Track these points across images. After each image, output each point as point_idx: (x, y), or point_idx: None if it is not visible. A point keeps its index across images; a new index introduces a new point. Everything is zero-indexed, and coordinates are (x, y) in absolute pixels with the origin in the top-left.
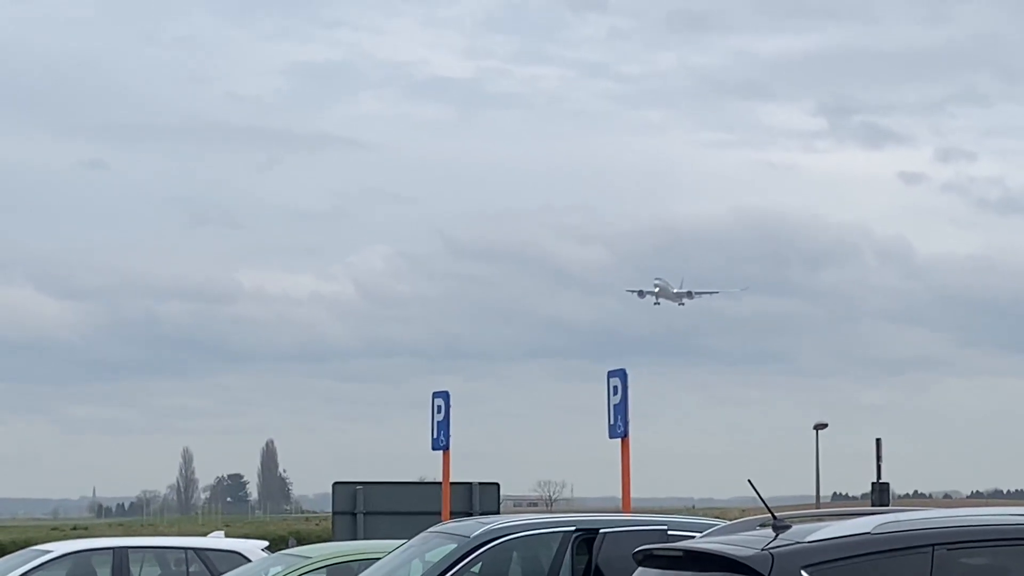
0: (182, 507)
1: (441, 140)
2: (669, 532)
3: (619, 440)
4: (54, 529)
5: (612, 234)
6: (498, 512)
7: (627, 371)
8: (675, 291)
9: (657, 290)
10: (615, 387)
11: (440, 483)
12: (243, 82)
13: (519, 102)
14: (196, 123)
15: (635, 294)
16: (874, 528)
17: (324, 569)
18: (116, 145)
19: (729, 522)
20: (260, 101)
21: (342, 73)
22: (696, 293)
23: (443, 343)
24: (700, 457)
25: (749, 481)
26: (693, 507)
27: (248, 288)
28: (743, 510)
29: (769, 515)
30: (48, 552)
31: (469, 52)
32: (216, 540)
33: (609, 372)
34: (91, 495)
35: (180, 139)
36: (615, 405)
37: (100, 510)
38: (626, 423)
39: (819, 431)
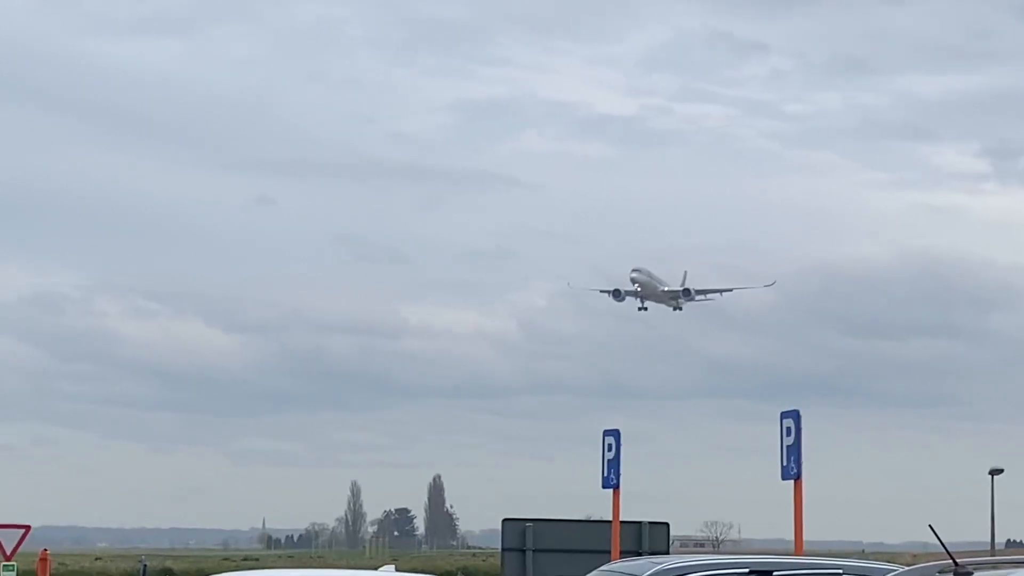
0: (350, 540)
1: (603, 178)
2: None
3: (792, 481)
4: (225, 560)
5: (774, 275)
6: (667, 552)
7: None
8: (664, 289)
9: (638, 288)
10: (788, 428)
11: (609, 521)
12: (407, 120)
13: (681, 140)
14: (361, 161)
15: (609, 295)
16: None
17: None
18: (284, 182)
19: (907, 567)
20: (424, 139)
21: (505, 111)
22: (699, 292)
23: (606, 381)
24: (869, 500)
25: (930, 527)
26: (863, 551)
27: (413, 323)
28: (915, 555)
29: (950, 561)
30: None
31: (631, 90)
32: (387, 574)
33: (782, 413)
34: (261, 527)
35: (346, 176)
36: (788, 446)
37: (270, 542)
38: (799, 464)
39: (995, 476)
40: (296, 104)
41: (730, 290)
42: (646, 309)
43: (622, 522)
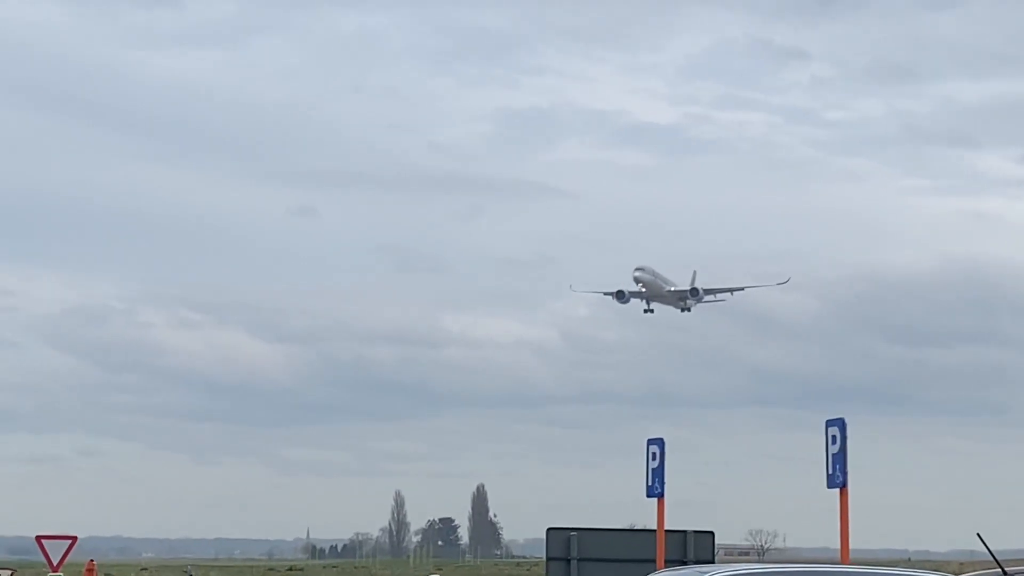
0: (394, 550)
1: (644, 186)
2: None
3: (837, 490)
4: (270, 570)
5: (817, 282)
6: (712, 561)
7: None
8: (670, 289)
9: (642, 288)
10: (833, 436)
11: (654, 530)
12: (447, 130)
13: (723, 148)
14: (402, 171)
15: (612, 297)
16: None
17: None
18: (325, 193)
19: None
20: (464, 148)
21: (545, 120)
22: (708, 292)
23: (649, 390)
24: (915, 508)
25: (978, 535)
26: (909, 559)
27: (454, 333)
28: (962, 564)
29: (998, 569)
30: None
31: (672, 98)
32: None
33: (827, 421)
34: (305, 536)
35: (387, 187)
36: (833, 455)
37: (314, 551)
38: (845, 473)
39: None
40: (337, 114)
41: (741, 289)
42: (652, 311)
43: (667, 531)
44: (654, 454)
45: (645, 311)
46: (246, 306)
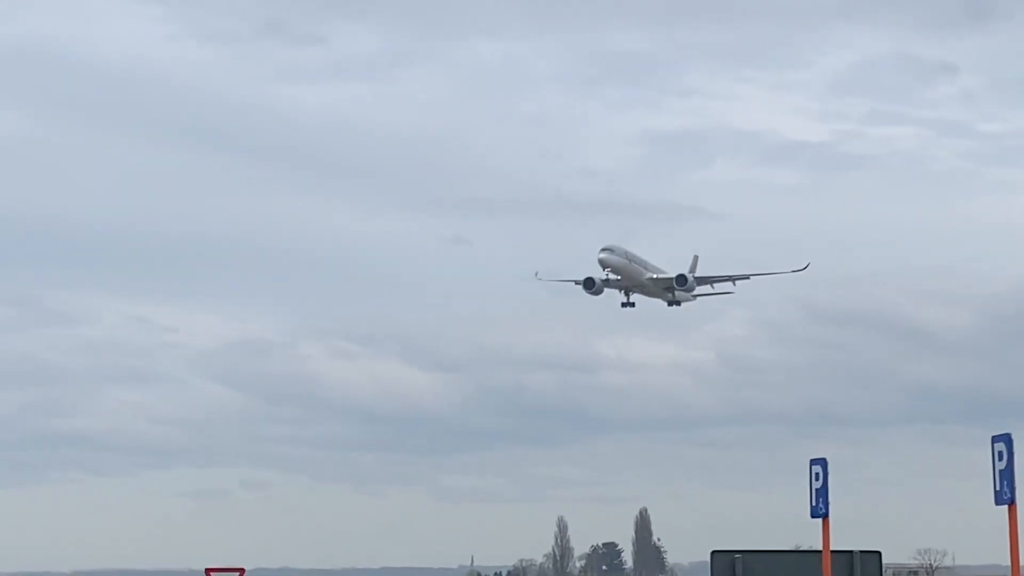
0: (558, 575)
1: (795, 204)
2: None
3: (1006, 506)
4: None
5: (975, 296)
6: None
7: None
8: (652, 277)
9: (609, 272)
10: (1000, 452)
11: (820, 551)
12: (595, 155)
13: (874, 163)
14: (552, 197)
15: (580, 286)
16: None
17: None
18: (477, 221)
19: None
20: (612, 172)
21: (693, 141)
22: (702, 280)
23: (808, 409)
24: None
25: None
26: None
27: (610, 357)
28: None
29: None
30: None
31: (822, 115)
32: None
33: (994, 437)
34: (469, 563)
35: (538, 213)
36: (1000, 471)
37: None
38: (1013, 489)
39: None
40: (485, 143)
41: (746, 277)
42: (633, 305)
43: (833, 552)
44: (817, 474)
45: (624, 304)
46: (402, 336)
